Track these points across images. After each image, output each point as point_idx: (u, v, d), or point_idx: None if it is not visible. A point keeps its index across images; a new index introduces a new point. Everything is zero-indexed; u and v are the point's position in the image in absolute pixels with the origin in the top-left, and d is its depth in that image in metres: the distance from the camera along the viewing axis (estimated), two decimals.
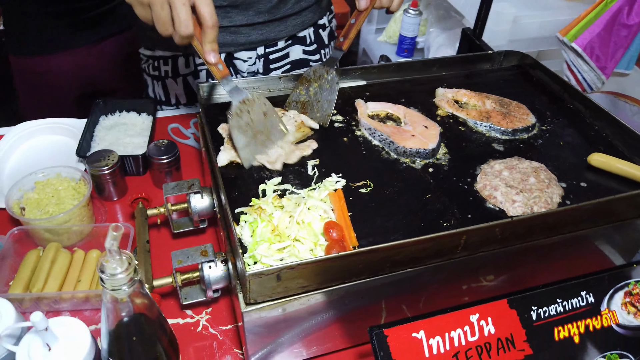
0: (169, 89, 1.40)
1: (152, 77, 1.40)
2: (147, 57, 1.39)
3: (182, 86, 1.38)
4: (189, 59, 1.35)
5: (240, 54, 1.35)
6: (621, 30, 1.48)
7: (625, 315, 0.76)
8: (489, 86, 1.16)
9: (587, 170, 0.94)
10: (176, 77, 1.37)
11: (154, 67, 1.38)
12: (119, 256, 0.55)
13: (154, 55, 1.36)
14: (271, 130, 0.94)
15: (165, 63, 1.36)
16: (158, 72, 1.38)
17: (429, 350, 0.69)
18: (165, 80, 1.38)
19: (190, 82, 1.38)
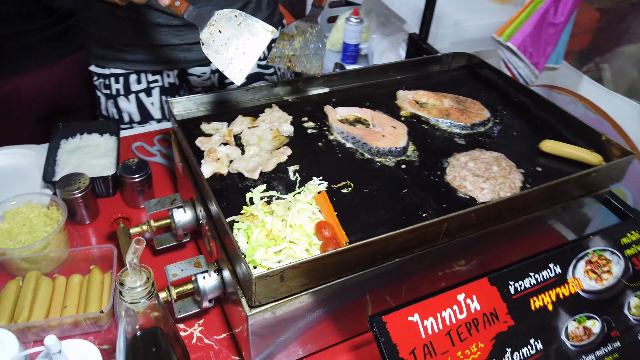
0: (121, 107, 1.39)
1: (105, 95, 1.39)
2: (98, 75, 1.38)
3: (134, 104, 1.38)
4: (140, 75, 1.35)
5: (194, 69, 1.38)
6: (549, 29, 1.63)
7: (588, 281, 0.85)
8: (443, 86, 1.25)
9: (540, 155, 1.04)
10: (128, 95, 1.36)
11: (105, 85, 1.36)
12: (138, 270, 0.56)
13: (104, 73, 1.35)
14: (253, 36, 0.92)
15: (117, 81, 1.35)
16: (109, 91, 1.37)
17: (425, 331, 0.75)
18: (117, 98, 1.37)
19: (142, 99, 1.38)
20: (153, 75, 1.36)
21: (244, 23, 0.95)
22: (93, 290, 0.93)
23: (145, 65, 1.34)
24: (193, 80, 1.43)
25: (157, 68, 1.36)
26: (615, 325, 0.83)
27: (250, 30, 0.94)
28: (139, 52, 1.32)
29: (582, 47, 1.95)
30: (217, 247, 0.84)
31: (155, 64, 1.34)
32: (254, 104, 1.13)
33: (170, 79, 1.39)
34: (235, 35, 0.94)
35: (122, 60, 1.32)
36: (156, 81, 1.39)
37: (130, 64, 1.34)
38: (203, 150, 0.97)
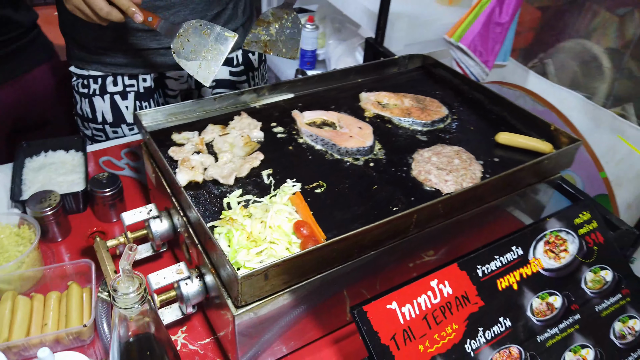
0: (96, 107, 1.42)
1: (81, 94, 1.42)
2: (77, 76, 1.41)
3: (108, 104, 1.41)
4: (117, 78, 1.39)
5: (171, 73, 1.42)
6: (496, 28, 1.72)
7: (548, 260, 0.92)
8: (402, 86, 1.31)
9: (496, 147, 1.11)
10: (103, 95, 1.40)
11: (84, 85, 1.40)
12: (131, 276, 0.58)
13: (83, 74, 1.39)
14: (218, 43, 1.04)
15: (95, 82, 1.39)
16: (87, 90, 1.40)
17: (403, 317, 0.79)
18: (93, 97, 1.40)
19: (117, 101, 1.41)
20: (130, 79, 1.40)
21: (208, 31, 1.05)
22: (73, 306, 0.93)
23: (124, 68, 1.39)
24: (170, 83, 1.47)
25: (135, 71, 1.40)
26: (575, 299, 0.90)
27: (214, 37, 1.05)
28: (118, 56, 1.36)
29: (527, 44, 2.07)
30: (198, 253, 0.86)
31: (133, 67, 1.38)
32: (222, 112, 1.16)
33: (147, 83, 1.42)
34: (202, 43, 1.05)
35: (101, 63, 1.37)
36: (132, 85, 1.43)
37: (108, 67, 1.38)
38: (177, 159, 0.99)
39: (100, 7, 1.02)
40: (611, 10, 1.86)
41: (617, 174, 1.48)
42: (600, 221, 0.97)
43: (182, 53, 1.05)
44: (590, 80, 1.85)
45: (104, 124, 1.44)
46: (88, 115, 1.44)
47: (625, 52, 1.80)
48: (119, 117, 1.43)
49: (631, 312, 0.93)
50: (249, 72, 1.54)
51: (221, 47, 1.05)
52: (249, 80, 1.55)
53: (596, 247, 0.95)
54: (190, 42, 1.04)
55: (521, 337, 0.84)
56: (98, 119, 1.43)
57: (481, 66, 1.75)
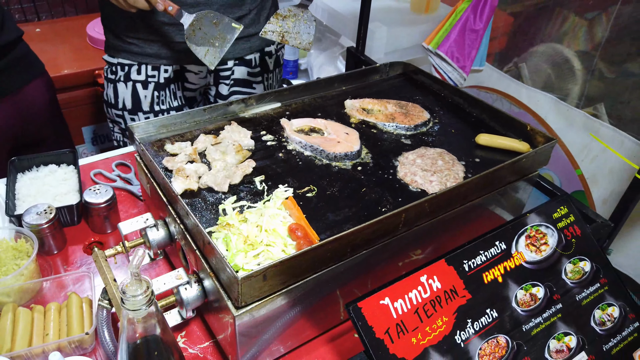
0: (119, 92, 1.52)
1: (109, 80, 1.53)
2: (109, 63, 1.53)
3: (130, 91, 1.51)
4: (141, 67, 1.49)
5: (192, 66, 1.52)
6: (471, 35, 1.79)
7: (529, 253, 0.97)
8: (385, 93, 1.36)
9: (477, 148, 1.16)
10: (127, 82, 1.50)
11: (112, 71, 1.51)
12: (140, 279, 0.61)
13: (113, 62, 1.50)
14: (225, 33, 1.20)
15: (122, 69, 1.49)
16: (114, 76, 1.51)
17: (395, 311, 0.83)
18: (117, 83, 1.50)
19: (138, 89, 1.50)
20: (152, 70, 1.50)
21: (218, 21, 1.21)
22: (73, 316, 0.95)
23: (148, 58, 1.49)
24: (190, 77, 1.57)
25: (159, 62, 1.49)
26: (556, 290, 0.95)
27: (222, 26, 1.21)
28: (145, 46, 1.46)
29: (501, 49, 2.15)
30: (197, 259, 0.89)
31: (158, 58, 1.48)
32: (211, 123, 1.19)
33: (167, 74, 1.51)
34: (211, 31, 1.21)
35: (130, 52, 1.48)
36: (154, 76, 1.51)
37: (135, 56, 1.48)
38: (171, 169, 1.02)
39: None
40: (580, 14, 1.94)
41: (592, 171, 1.55)
42: (577, 215, 1.02)
43: (193, 39, 1.21)
44: (563, 82, 1.93)
45: (124, 110, 1.53)
46: (111, 101, 1.54)
47: (595, 54, 1.88)
48: (137, 105, 1.52)
49: (609, 300, 0.99)
50: (264, 74, 1.63)
51: (227, 36, 1.21)
52: (263, 82, 1.65)
53: (574, 240, 1.00)
54: (201, 30, 1.20)
55: (507, 327, 0.89)
56: (119, 105, 1.53)
57: (459, 71, 1.81)
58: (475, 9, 1.75)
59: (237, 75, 1.59)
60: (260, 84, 1.64)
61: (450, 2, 2.10)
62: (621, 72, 1.84)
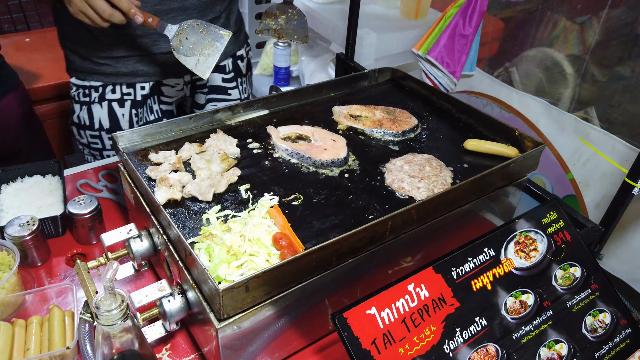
0: (94, 114, 1.46)
1: (81, 103, 1.46)
2: (77, 86, 1.46)
3: (106, 110, 1.46)
4: (115, 87, 1.44)
5: (169, 80, 1.49)
6: (461, 40, 1.78)
7: (519, 260, 0.95)
8: (373, 99, 1.35)
9: (465, 153, 1.15)
10: (102, 102, 1.45)
11: (85, 94, 1.45)
12: (114, 293, 0.59)
13: (85, 85, 1.44)
14: (214, 40, 1.17)
15: (96, 91, 1.44)
16: (88, 98, 1.45)
17: (382, 321, 0.82)
18: (92, 105, 1.45)
19: (114, 108, 1.46)
20: (127, 88, 1.46)
21: (205, 30, 1.18)
22: (55, 329, 0.93)
23: (123, 78, 1.44)
24: (166, 90, 1.53)
25: (134, 80, 1.45)
26: (546, 296, 0.94)
27: (210, 35, 1.18)
28: (119, 66, 1.41)
29: (492, 54, 2.14)
30: (180, 270, 0.87)
31: (133, 76, 1.44)
32: (197, 131, 1.18)
33: (144, 91, 1.48)
34: (199, 40, 1.18)
35: (102, 73, 1.43)
36: (129, 94, 1.47)
37: (109, 77, 1.44)
38: (155, 178, 1.00)
39: (104, 9, 1.11)
40: (571, 19, 1.94)
41: (584, 175, 1.54)
42: (567, 220, 1.01)
43: (181, 50, 1.17)
44: (554, 86, 1.92)
45: (101, 130, 1.49)
46: (85, 123, 1.48)
47: (585, 58, 1.88)
48: (115, 124, 1.48)
49: (601, 306, 0.97)
50: (238, 78, 1.62)
51: (217, 44, 1.18)
52: (238, 86, 1.63)
53: (564, 245, 0.99)
54: (188, 40, 1.16)
55: (497, 336, 0.87)
56: (95, 126, 1.48)
57: (449, 77, 1.81)
58: (464, 14, 1.75)
59: (211, 82, 1.58)
60: (235, 89, 1.63)
61: (439, 8, 2.10)
62: (612, 75, 1.84)
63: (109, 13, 1.11)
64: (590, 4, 1.87)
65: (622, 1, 1.73)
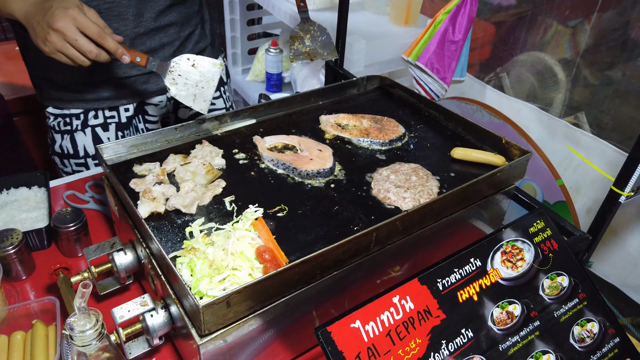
0: (77, 141, 1.42)
1: (62, 132, 1.42)
2: (55, 115, 1.41)
3: (90, 137, 1.43)
4: (98, 112, 1.41)
5: (153, 99, 1.46)
6: (450, 46, 1.78)
7: (505, 270, 0.95)
8: (361, 107, 1.35)
9: (452, 162, 1.15)
10: (85, 128, 1.41)
11: (65, 123, 1.41)
12: (87, 313, 0.59)
13: (64, 114, 1.40)
14: (207, 74, 1.16)
15: (77, 118, 1.40)
16: (69, 127, 1.41)
17: (367, 335, 0.81)
18: (75, 133, 1.41)
19: (99, 133, 1.43)
20: (110, 111, 1.43)
21: (196, 63, 1.15)
22: (38, 345, 0.92)
23: (106, 102, 1.41)
24: (150, 109, 1.51)
25: (117, 103, 1.42)
26: (533, 306, 0.93)
27: (203, 67, 1.15)
28: (99, 91, 1.38)
29: (483, 58, 2.14)
30: (162, 284, 0.86)
31: (115, 99, 1.41)
32: (183, 142, 1.17)
33: (128, 113, 1.45)
34: (192, 75, 1.15)
35: (82, 100, 1.39)
36: (113, 117, 1.44)
37: (90, 103, 1.39)
38: (138, 191, 0.99)
39: (90, 49, 1.06)
40: (562, 22, 1.95)
41: (574, 181, 1.53)
42: (554, 229, 1.00)
43: (177, 87, 1.15)
44: (545, 91, 1.92)
45: (86, 157, 1.45)
46: (69, 152, 1.44)
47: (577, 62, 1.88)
48: None
49: (589, 315, 0.97)
50: (221, 87, 1.61)
51: (210, 76, 1.16)
52: (222, 95, 1.62)
53: (551, 254, 0.99)
54: (181, 77, 1.14)
55: (483, 347, 0.87)
56: (80, 153, 1.44)
57: (439, 83, 1.80)
58: (453, 20, 1.75)
59: None
60: (219, 98, 1.61)
61: (429, 14, 2.10)
62: (603, 79, 1.84)
63: (95, 54, 1.06)
64: (581, 8, 1.87)
65: (610, 5, 1.74)
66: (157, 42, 1.35)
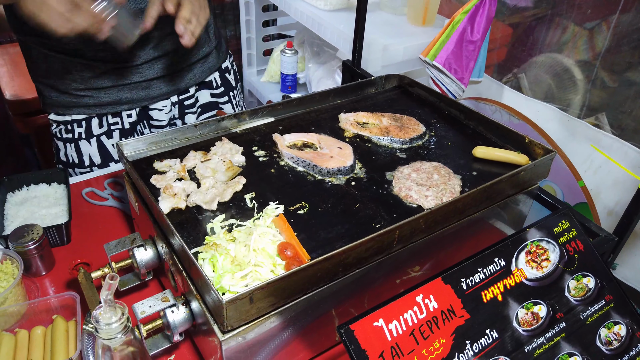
0: (82, 151, 1.40)
1: (65, 140, 1.39)
2: (58, 122, 1.38)
3: (95, 147, 1.40)
4: (101, 119, 1.38)
5: (156, 104, 1.43)
6: (469, 46, 1.77)
7: (530, 270, 0.93)
8: (380, 106, 1.34)
9: (474, 161, 1.13)
10: (90, 138, 1.38)
11: (67, 130, 1.38)
12: (113, 306, 0.58)
13: (66, 120, 1.37)
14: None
15: (79, 125, 1.37)
16: (72, 135, 1.38)
17: (390, 334, 0.79)
18: (79, 141, 1.38)
19: (104, 142, 1.40)
20: (113, 117, 1.39)
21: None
22: (58, 340, 0.92)
23: (107, 107, 1.37)
24: (155, 114, 1.47)
25: (119, 109, 1.39)
26: (559, 308, 0.91)
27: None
28: (101, 96, 1.35)
29: (500, 60, 2.13)
30: (183, 280, 0.86)
31: (117, 105, 1.37)
32: (203, 139, 1.17)
33: (131, 118, 1.42)
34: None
35: (83, 105, 1.35)
36: (116, 123, 1.41)
37: (92, 108, 1.36)
38: (159, 187, 0.99)
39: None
40: (580, 24, 1.92)
41: (595, 183, 1.51)
42: (579, 229, 0.99)
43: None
44: (563, 93, 1.90)
45: (92, 167, 1.43)
46: (74, 161, 1.42)
47: (595, 64, 1.85)
48: (106, 157, 1.43)
49: (615, 317, 0.95)
50: (229, 92, 1.57)
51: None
52: (230, 100, 1.58)
53: (577, 255, 0.97)
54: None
55: (509, 349, 0.85)
56: (85, 163, 1.42)
57: (457, 83, 1.79)
58: (472, 20, 1.73)
59: (201, 100, 1.53)
60: (227, 103, 1.59)
61: (447, 14, 2.09)
62: (622, 81, 1.81)
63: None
64: (600, 10, 1.85)
65: (632, 6, 1.71)
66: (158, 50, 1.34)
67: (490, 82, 1.83)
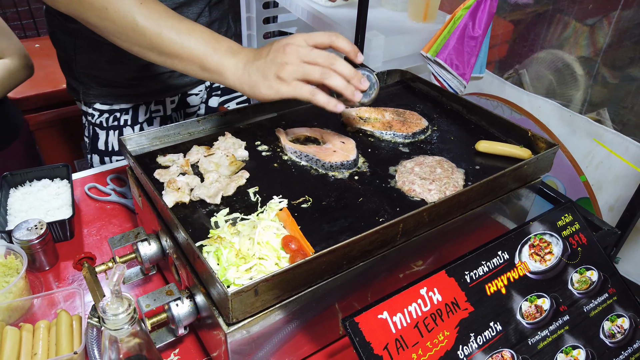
0: None
1: (109, 128, 1.43)
2: (102, 112, 1.42)
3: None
4: (149, 106, 1.44)
5: (195, 89, 1.51)
6: (470, 42, 1.77)
7: (534, 263, 0.93)
8: (383, 101, 1.34)
9: (477, 155, 1.13)
10: (134, 125, 1.44)
11: (115, 117, 1.43)
12: (120, 297, 0.58)
13: (112, 109, 1.42)
14: None
15: (126, 113, 1.42)
16: (117, 123, 1.43)
17: (394, 326, 0.80)
18: (124, 128, 1.44)
19: (145, 129, 1.45)
20: (156, 105, 1.45)
21: None
22: (62, 334, 0.92)
23: (157, 95, 1.43)
24: (192, 100, 1.54)
25: (166, 96, 1.45)
26: (562, 300, 0.92)
27: None
28: (152, 84, 1.40)
29: (502, 56, 2.12)
30: (188, 274, 0.86)
31: (161, 93, 1.43)
32: (206, 134, 1.17)
33: (173, 105, 1.48)
34: None
35: (133, 95, 1.41)
36: (158, 110, 1.47)
37: (141, 97, 1.42)
38: (162, 181, 0.99)
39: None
40: (581, 20, 1.92)
41: (597, 178, 1.51)
42: (582, 223, 0.99)
43: None
44: (565, 88, 1.90)
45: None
46: (114, 149, 1.46)
47: (596, 60, 1.85)
48: None
49: (619, 310, 0.95)
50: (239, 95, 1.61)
51: None
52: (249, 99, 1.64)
53: (580, 248, 0.97)
54: None
55: (512, 341, 0.85)
56: None
57: (458, 79, 1.79)
58: (473, 15, 1.73)
59: (211, 105, 1.59)
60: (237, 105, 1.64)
61: (448, 10, 2.09)
62: (624, 77, 1.81)
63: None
64: (601, 6, 1.85)
65: (634, 2, 1.71)
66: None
67: (491, 78, 1.84)
